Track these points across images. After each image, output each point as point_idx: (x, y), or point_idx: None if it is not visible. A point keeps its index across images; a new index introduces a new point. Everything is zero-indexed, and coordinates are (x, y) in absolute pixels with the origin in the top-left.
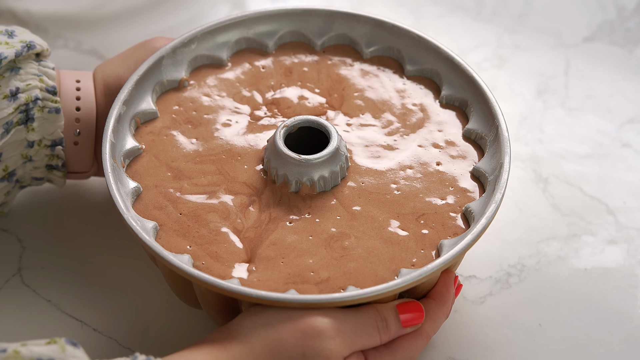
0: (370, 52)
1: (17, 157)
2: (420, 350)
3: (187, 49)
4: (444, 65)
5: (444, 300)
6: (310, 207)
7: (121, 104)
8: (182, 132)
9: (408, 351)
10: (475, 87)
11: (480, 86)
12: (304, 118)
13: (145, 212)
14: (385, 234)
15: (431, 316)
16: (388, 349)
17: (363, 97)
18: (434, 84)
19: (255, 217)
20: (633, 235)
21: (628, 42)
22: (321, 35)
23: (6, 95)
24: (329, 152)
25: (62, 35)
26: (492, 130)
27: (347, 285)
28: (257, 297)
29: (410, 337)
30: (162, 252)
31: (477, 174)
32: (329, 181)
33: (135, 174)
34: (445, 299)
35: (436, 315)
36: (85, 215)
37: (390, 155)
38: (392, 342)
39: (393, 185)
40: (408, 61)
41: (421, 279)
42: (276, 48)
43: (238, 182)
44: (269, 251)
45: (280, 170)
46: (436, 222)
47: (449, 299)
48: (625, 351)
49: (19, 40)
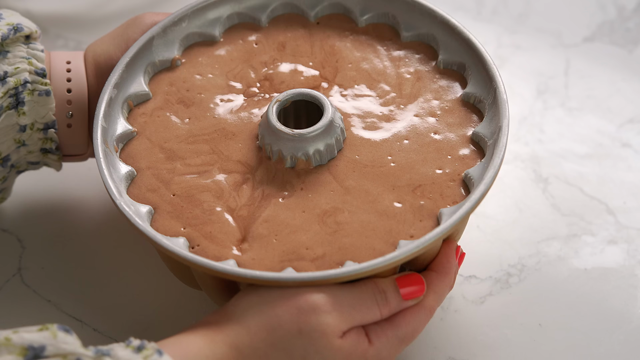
0: (365, 19)
1: (10, 142)
2: (424, 324)
3: (178, 28)
4: (440, 29)
5: (446, 271)
6: (304, 183)
7: (112, 87)
8: (175, 113)
9: (411, 325)
10: (472, 49)
11: (477, 48)
12: (296, 91)
13: (140, 195)
14: (380, 207)
15: (433, 289)
16: (390, 323)
17: (357, 67)
18: (431, 48)
19: (248, 194)
20: (633, 235)
21: (628, 42)
22: (314, 6)
23: None
24: (323, 125)
25: (62, 35)
26: (491, 93)
27: (345, 261)
28: (253, 277)
29: (413, 310)
30: (157, 237)
31: (476, 139)
32: (325, 155)
33: (129, 158)
34: (447, 269)
35: (438, 287)
36: (85, 216)
37: (386, 126)
38: (394, 316)
39: (389, 157)
40: (404, 27)
41: (421, 249)
42: (269, 21)
43: (232, 160)
44: (261, 229)
45: (274, 146)
46: (434, 192)
47: (451, 269)
48: (625, 351)
49: (5, 23)
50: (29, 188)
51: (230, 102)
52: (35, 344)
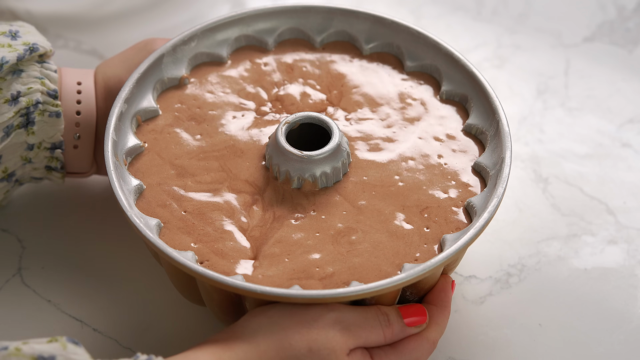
0: (369, 48)
1: (17, 159)
2: (426, 355)
3: (187, 47)
4: (443, 61)
5: (445, 304)
6: (315, 204)
7: (122, 102)
8: (186, 129)
9: (414, 353)
10: (475, 82)
11: (480, 81)
12: (305, 114)
13: (149, 209)
14: (392, 227)
15: (435, 321)
16: (394, 350)
17: (361, 92)
18: (434, 79)
19: (259, 216)
20: (633, 235)
21: (628, 42)
22: (320, 32)
23: (7, 99)
24: (330, 148)
25: (62, 35)
26: (493, 125)
27: (351, 281)
28: (260, 292)
29: (416, 339)
30: (166, 249)
31: (478, 169)
32: (331, 177)
33: (138, 172)
34: (446, 303)
35: (439, 319)
36: (85, 215)
37: (390, 147)
38: (398, 343)
39: (396, 177)
40: (408, 57)
41: (424, 273)
42: (276, 45)
43: (240, 180)
44: (274, 249)
45: (282, 166)
46: (439, 216)
47: (449, 302)
48: (625, 351)
49: (22, 42)
50: (29, 188)
51: (242, 119)
52: (45, 354)
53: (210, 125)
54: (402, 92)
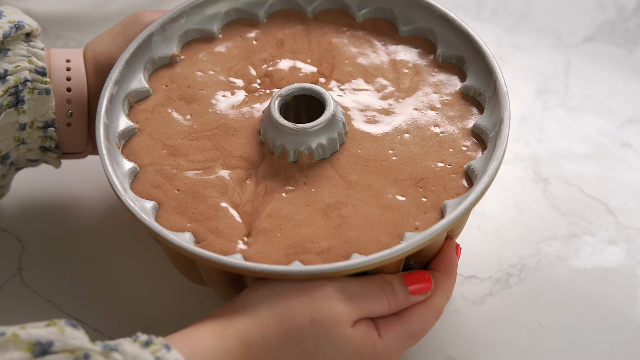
0: (362, 14)
1: (10, 140)
2: (432, 322)
3: (177, 24)
4: (438, 23)
5: (450, 269)
6: (307, 177)
7: (112, 84)
8: (177, 109)
9: (420, 322)
10: (471, 42)
11: (476, 41)
12: (298, 86)
13: (143, 191)
14: (383, 200)
15: (440, 287)
16: (399, 319)
17: (354, 63)
18: (429, 42)
19: (252, 190)
20: (633, 235)
21: (628, 42)
22: (312, 1)
23: None
24: (325, 120)
25: (62, 35)
26: (491, 85)
27: (351, 253)
28: (261, 271)
29: (422, 307)
30: (163, 232)
31: (477, 131)
32: (328, 149)
33: (131, 154)
34: (451, 268)
35: (445, 285)
36: (85, 215)
37: (386, 119)
38: (403, 311)
39: (390, 151)
40: (401, 21)
41: (427, 241)
42: (267, 17)
43: (235, 156)
44: (265, 223)
45: (277, 140)
46: (436, 185)
47: (454, 268)
48: (625, 351)
49: (7, 20)
50: (29, 187)
51: (232, 98)
52: (42, 340)
53: (200, 104)
54: (396, 60)
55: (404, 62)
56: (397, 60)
